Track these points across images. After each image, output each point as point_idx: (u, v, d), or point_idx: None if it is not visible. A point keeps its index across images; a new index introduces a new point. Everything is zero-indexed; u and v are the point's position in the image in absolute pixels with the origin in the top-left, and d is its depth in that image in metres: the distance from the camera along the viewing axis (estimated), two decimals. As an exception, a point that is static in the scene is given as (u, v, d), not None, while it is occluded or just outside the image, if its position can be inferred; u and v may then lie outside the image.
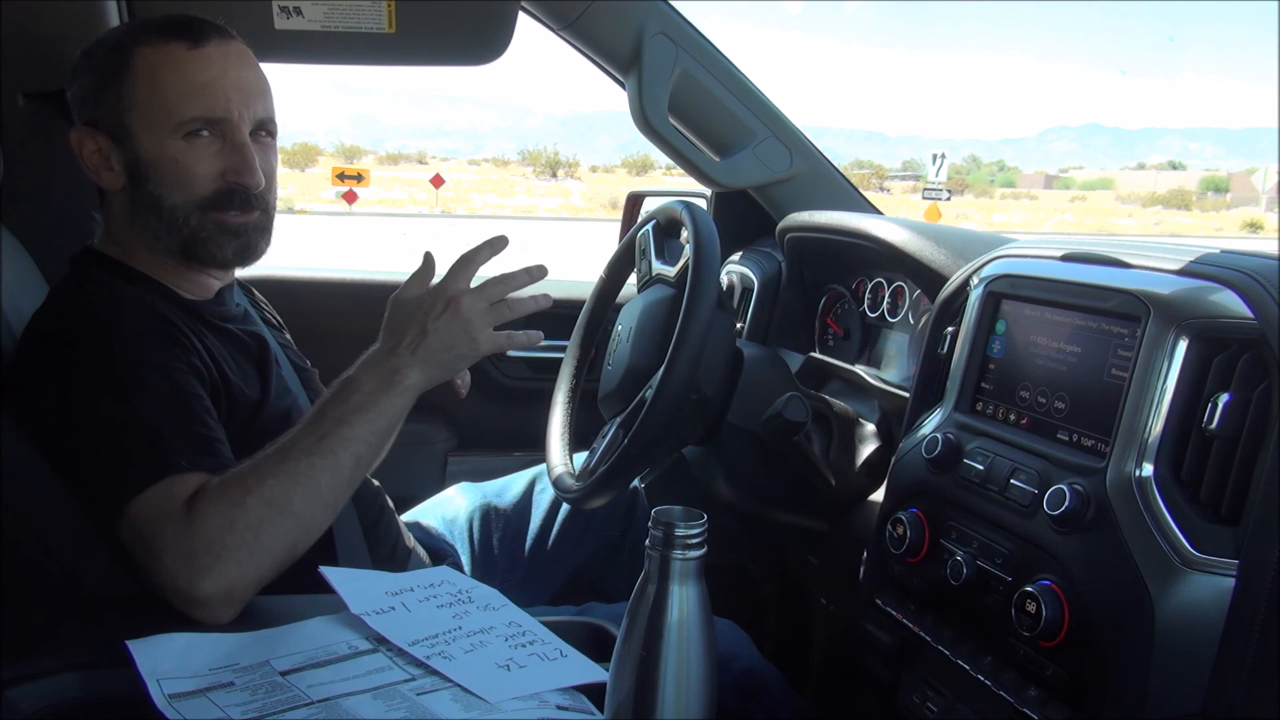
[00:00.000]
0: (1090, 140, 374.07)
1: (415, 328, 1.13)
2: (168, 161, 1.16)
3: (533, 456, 1.67)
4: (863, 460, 1.40)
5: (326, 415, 1.07)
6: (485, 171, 52.38)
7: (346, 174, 21.85)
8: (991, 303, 1.13)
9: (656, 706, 0.74)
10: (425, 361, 1.12)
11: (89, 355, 1.08)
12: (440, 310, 1.13)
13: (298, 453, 1.04)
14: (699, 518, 0.75)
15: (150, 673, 0.86)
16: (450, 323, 1.13)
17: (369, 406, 1.08)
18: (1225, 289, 0.89)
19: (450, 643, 0.93)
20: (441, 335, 1.12)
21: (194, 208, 1.18)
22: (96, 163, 1.19)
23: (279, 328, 1.45)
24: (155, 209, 1.18)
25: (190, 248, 1.20)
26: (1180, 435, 0.88)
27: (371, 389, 1.09)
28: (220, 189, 1.18)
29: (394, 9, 1.56)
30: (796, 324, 1.72)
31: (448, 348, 1.13)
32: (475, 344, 1.14)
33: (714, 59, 1.81)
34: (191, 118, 1.16)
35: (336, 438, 1.06)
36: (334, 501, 1.07)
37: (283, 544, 1.01)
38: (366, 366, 1.12)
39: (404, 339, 1.12)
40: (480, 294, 1.15)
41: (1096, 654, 0.88)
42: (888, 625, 1.15)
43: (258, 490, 1.00)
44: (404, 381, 1.11)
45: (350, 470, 1.07)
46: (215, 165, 1.18)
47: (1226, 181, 40.47)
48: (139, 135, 1.17)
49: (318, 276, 2.10)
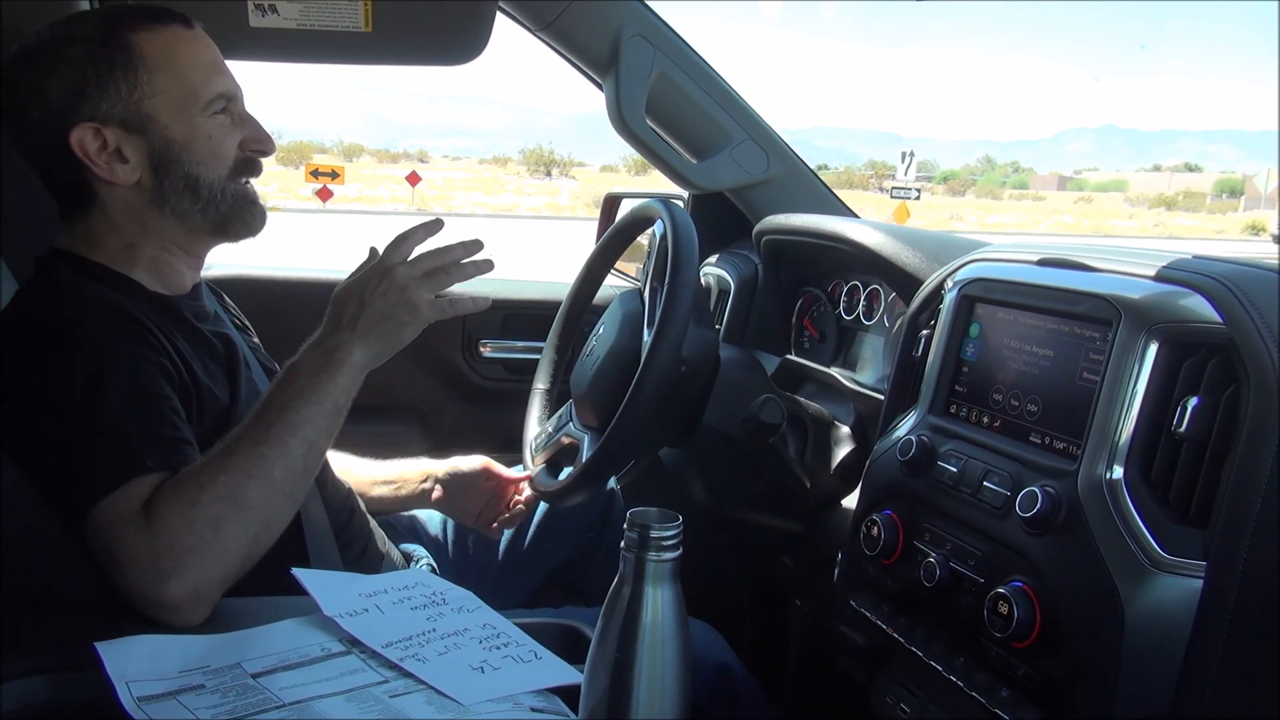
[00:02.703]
0: (1107, 142, 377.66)
1: (354, 305, 1.12)
2: (202, 140, 1.19)
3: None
4: (838, 462, 1.40)
5: (272, 404, 1.07)
6: (480, 170, 52.37)
7: (321, 171, 21.79)
8: (965, 306, 1.13)
9: (631, 708, 0.74)
10: (365, 334, 1.10)
11: (55, 356, 1.06)
12: (377, 283, 1.12)
13: (246, 444, 1.03)
14: (674, 519, 0.75)
15: (119, 675, 0.85)
16: (387, 292, 1.11)
17: (313, 389, 1.07)
18: (1195, 294, 0.90)
19: (424, 645, 0.93)
20: (378, 305, 1.11)
21: (225, 181, 1.21)
22: (105, 158, 1.16)
23: (247, 330, 1.43)
24: (191, 189, 1.19)
25: (226, 221, 1.23)
26: (1150, 438, 0.89)
27: (313, 370, 1.08)
28: (239, 160, 1.23)
29: (370, 8, 1.55)
30: (773, 326, 1.73)
31: (387, 316, 1.11)
32: (416, 310, 1.12)
33: (692, 62, 1.81)
34: (216, 95, 1.20)
35: (283, 425, 1.04)
36: (291, 491, 1.06)
37: (243, 539, 1.00)
38: (308, 350, 1.11)
39: (342, 316, 1.12)
40: (415, 264, 1.14)
41: (1067, 655, 0.89)
42: (862, 626, 1.16)
43: (211, 487, 0.99)
44: (346, 359, 1.09)
45: (303, 457, 1.06)
46: (235, 138, 1.22)
47: (1241, 184, 40.72)
48: (166, 120, 1.17)
49: (290, 276, 2.08)
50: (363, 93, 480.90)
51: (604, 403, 1.33)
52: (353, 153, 59.52)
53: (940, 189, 46.41)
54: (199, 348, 1.20)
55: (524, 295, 2.12)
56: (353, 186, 31.99)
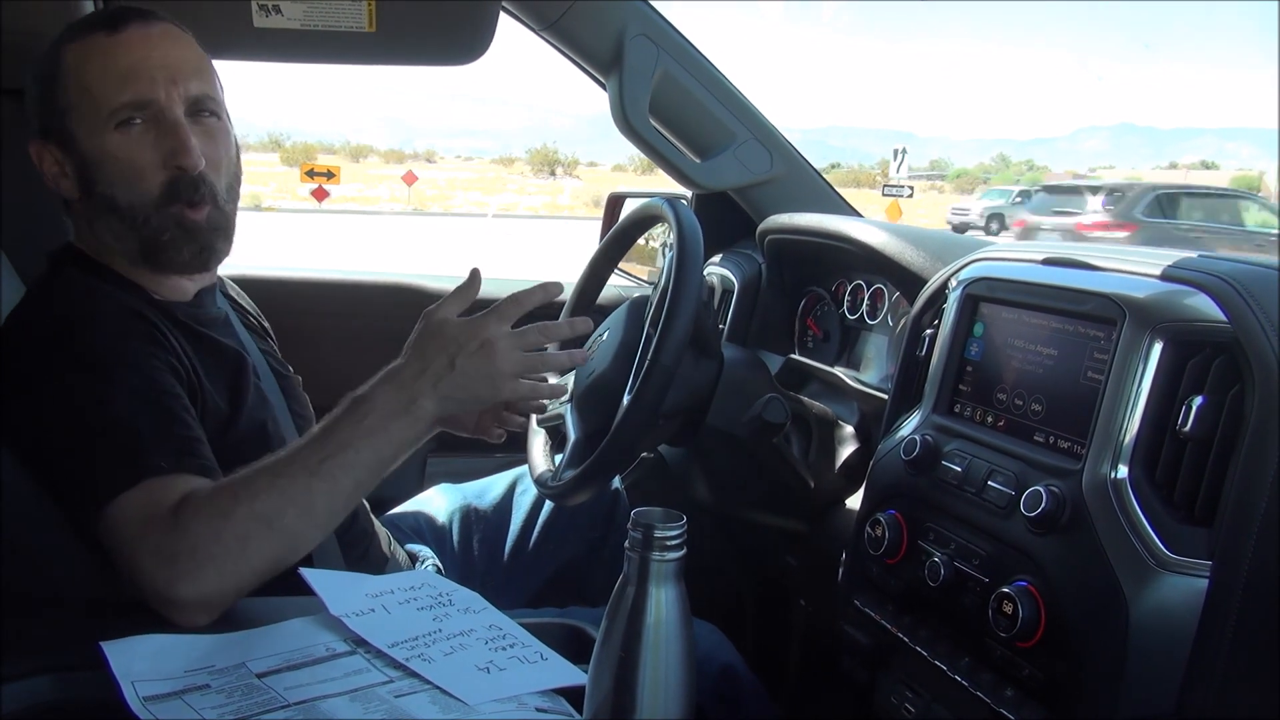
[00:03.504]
0: (1123, 140, 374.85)
1: (444, 358, 1.06)
2: (109, 158, 1.12)
3: (513, 458, 1.66)
4: (841, 462, 1.40)
5: (334, 436, 1.03)
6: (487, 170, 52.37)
7: (316, 171, 21.71)
8: (969, 305, 1.13)
9: (635, 708, 0.74)
10: (444, 397, 1.06)
11: (66, 354, 1.06)
12: (474, 349, 1.06)
13: (297, 470, 1.00)
14: (678, 519, 0.75)
15: (125, 674, 0.85)
16: (480, 365, 1.06)
17: (379, 431, 1.03)
18: (1200, 293, 0.90)
19: (430, 645, 0.93)
20: (467, 374, 1.06)
21: (151, 206, 1.14)
22: (55, 173, 1.16)
23: (263, 334, 1.41)
24: (113, 210, 1.14)
25: (150, 249, 1.16)
26: (1155, 437, 0.89)
27: (386, 412, 1.04)
28: (168, 180, 1.13)
29: (374, 8, 1.55)
30: (776, 326, 1.73)
31: (468, 387, 1.07)
32: (497, 390, 1.08)
33: (695, 61, 1.81)
34: (120, 105, 1.11)
35: (339, 461, 1.01)
36: (327, 524, 1.04)
37: (267, 559, 0.99)
38: (384, 386, 1.06)
39: (429, 367, 1.06)
40: (519, 340, 1.08)
41: (1072, 654, 0.89)
42: (866, 626, 1.16)
43: (249, 503, 0.98)
44: (419, 411, 1.05)
45: (348, 495, 1.04)
46: (155, 154, 1.13)
47: (1258, 181, 40.32)
48: (80, 137, 1.13)
49: (304, 277, 2.08)
50: (377, 94, 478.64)
51: (606, 403, 1.33)
52: (360, 153, 59.76)
53: (949, 187, 46.30)
54: (202, 354, 1.18)
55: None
56: (353, 186, 31.98)
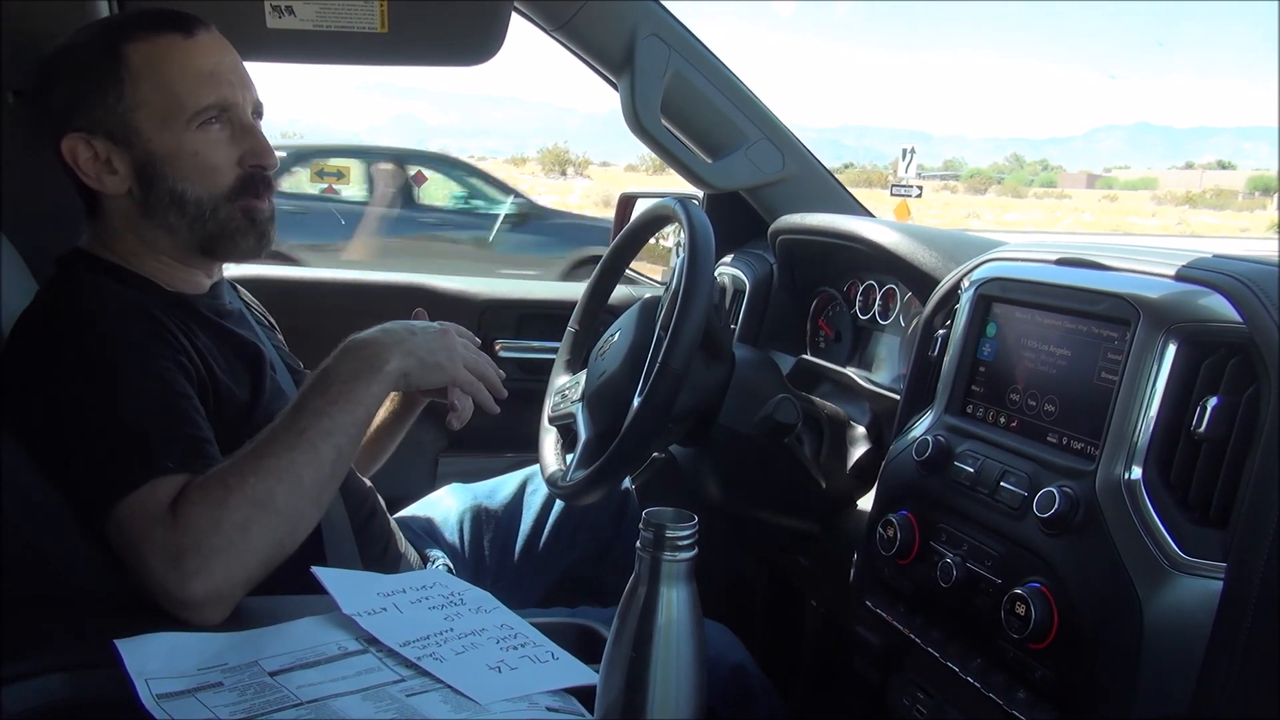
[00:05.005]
0: (1139, 139, 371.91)
1: (404, 329, 1.15)
2: (185, 154, 1.16)
3: (524, 457, 1.67)
4: (853, 462, 1.40)
5: (305, 408, 1.07)
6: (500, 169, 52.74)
7: (326, 171, 21.77)
8: (982, 305, 1.13)
9: (646, 708, 0.74)
10: (407, 354, 1.13)
11: (75, 355, 1.07)
12: (433, 330, 1.19)
13: (278, 448, 1.03)
14: (690, 519, 0.75)
15: (138, 673, 0.85)
16: (439, 340, 1.17)
17: (348, 394, 1.08)
18: (1214, 293, 0.89)
19: (441, 644, 0.93)
20: (428, 341, 1.16)
21: (220, 199, 1.19)
22: (95, 168, 1.17)
23: (271, 328, 1.43)
24: (177, 205, 1.18)
25: (214, 241, 1.20)
26: (1169, 438, 0.89)
27: (352, 375, 1.09)
28: (240, 176, 1.19)
29: (386, 9, 1.55)
30: (788, 326, 1.73)
31: (430, 351, 1.15)
32: (453, 362, 1.17)
33: (706, 61, 1.81)
34: (205, 107, 1.16)
35: (316, 430, 1.05)
36: (318, 496, 1.06)
37: (269, 542, 1.00)
38: (344, 354, 1.12)
39: (391, 332, 1.14)
40: (471, 341, 1.23)
41: (1085, 656, 0.89)
42: (877, 627, 1.15)
43: (240, 489, 0.99)
44: (383, 365, 1.10)
45: (332, 463, 1.06)
46: (231, 153, 1.19)
47: (1275, 181, 39.94)
48: (149, 133, 1.16)
49: (310, 276, 2.09)
50: (392, 94, 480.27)
51: (617, 404, 1.33)
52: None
53: (961, 187, 46.11)
54: (221, 344, 1.21)
55: (539, 295, 2.12)
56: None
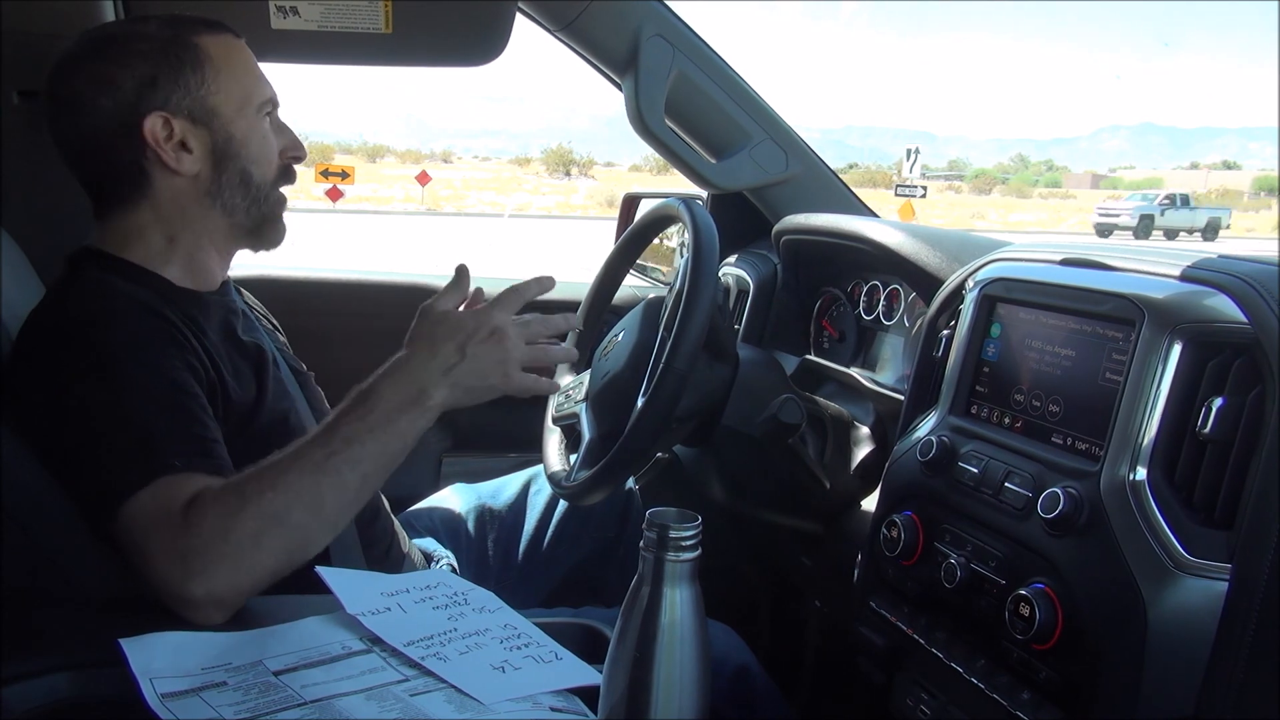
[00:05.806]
0: (1144, 139, 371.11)
1: (453, 346, 1.08)
2: (257, 139, 1.24)
3: (528, 458, 1.66)
4: (857, 463, 1.40)
5: (338, 430, 1.03)
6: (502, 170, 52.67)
7: (331, 171, 21.80)
8: (986, 306, 1.13)
9: (649, 709, 0.74)
10: (455, 385, 1.08)
11: (84, 354, 1.07)
12: (484, 336, 1.09)
13: (305, 467, 1.01)
14: (693, 519, 0.75)
15: (143, 672, 0.85)
16: (492, 352, 1.09)
17: (386, 425, 1.04)
18: (1220, 294, 0.89)
19: (445, 644, 0.93)
20: (480, 362, 1.08)
21: (270, 185, 1.26)
22: (174, 145, 1.19)
23: (275, 330, 1.43)
24: (244, 184, 1.23)
25: (263, 224, 1.27)
26: (1174, 439, 0.89)
27: (393, 406, 1.05)
28: (282, 166, 1.28)
29: (390, 9, 1.56)
30: (792, 326, 1.73)
31: (482, 376, 1.09)
32: (508, 380, 1.11)
33: (711, 61, 1.81)
34: (267, 99, 1.25)
35: (345, 457, 1.02)
36: (337, 521, 1.04)
37: (278, 556, 0.99)
38: (390, 379, 1.07)
39: (438, 355, 1.07)
40: (525, 330, 1.12)
41: (1089, 657, 0.89)
42: (881, 628, 1.15)
43: (257, 501, 0.98)
44: (427, 401, 1.06)
45: (356, 490, 1.03)
46: (278, 144, 1.27)
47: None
48: (229, 116, 1.21)
49: (312, 276, 2.09)
50: (398, 94, 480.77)
51: (621, 404, 1.33)
52: (377, 153, 60.31)
53: (966, 187, 45.99)
54: (229, 344, 1.21)
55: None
56: (368, 186, 32.10)
